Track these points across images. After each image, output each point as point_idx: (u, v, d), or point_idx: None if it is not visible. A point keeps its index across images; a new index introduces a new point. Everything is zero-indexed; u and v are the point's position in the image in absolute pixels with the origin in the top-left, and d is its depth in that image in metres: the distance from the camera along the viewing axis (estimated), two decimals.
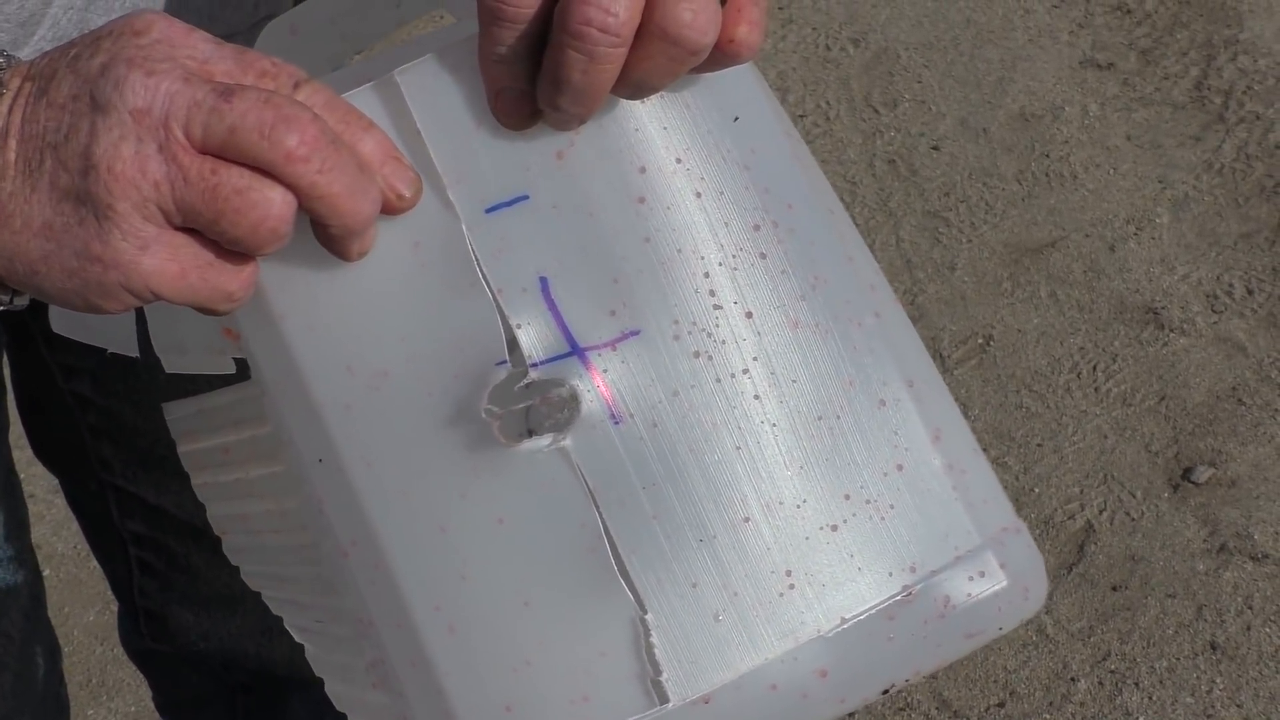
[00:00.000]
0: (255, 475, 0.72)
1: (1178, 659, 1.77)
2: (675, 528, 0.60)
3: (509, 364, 0.61)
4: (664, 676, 0.59)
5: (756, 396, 0.61)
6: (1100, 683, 1.76)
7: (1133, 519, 1.91)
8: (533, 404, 0.60)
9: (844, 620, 0.61)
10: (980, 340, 2.16)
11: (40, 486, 1.92)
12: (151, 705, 1.85)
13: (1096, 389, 2.08)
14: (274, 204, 0.56)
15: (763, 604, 0.60)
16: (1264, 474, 1.93)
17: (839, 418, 0.62)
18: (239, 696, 1.19)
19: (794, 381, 0.62)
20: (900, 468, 0.63)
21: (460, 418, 0.61)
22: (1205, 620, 1.80)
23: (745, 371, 0.62)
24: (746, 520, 0.61)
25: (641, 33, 0.57)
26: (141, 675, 1.85)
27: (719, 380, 0.61)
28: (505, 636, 0.61)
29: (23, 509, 1.00)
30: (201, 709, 1.22)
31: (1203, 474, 1.94)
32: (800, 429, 0.62)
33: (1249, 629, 1.78)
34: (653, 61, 0.58)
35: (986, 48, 2.66)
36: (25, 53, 0.78)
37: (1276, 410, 2.00)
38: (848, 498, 0.62)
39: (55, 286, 0.58)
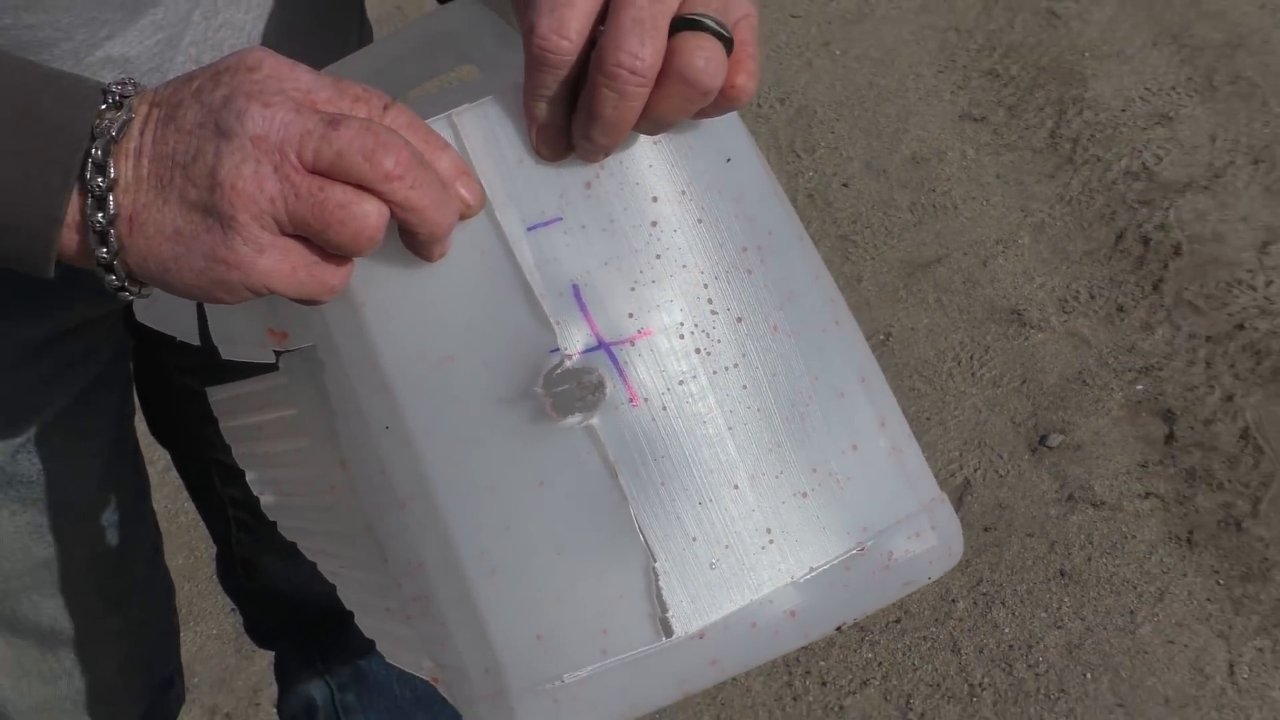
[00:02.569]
0: (282, 448, 0.71)
1: (1035, 584, 1.79)
2: (679, 492, 0.59)
3: (560, 351, 0.58)
4: (669, 614, 0.58)
5: (744, 386, 0.60)
6: (975, 602, 1.78)
7: (1000, 476, 1.93)
8: (569, 387, 0.58)
9: (812, 569, 0.59)
10: (881, 337, 2.16)
11: None
12: (229, 630, 1.87)
13: (973, 374, 2.08)
14: (370, 216, 0.54)
15: (749, 555, 0.59)
16: (1102, 439, 1.94)
17: (808, 406, 0.61)
18: (310, 624, 1.19)
19: (774, 375, 0.60)
20: (855, 447, 0.61)
21: (514, 397, 0.58)
22: (1056, 553, 1.82)
23: (735, 366, 0.60)
24: (735, 487, 0.59)
25: (662, 76, 0.56)
26: (223, 607, 1.87)
27: (715, 373, 0.59)
28: (540, 578, 0.59)
29: (145, 479, 0.99)
30: (281, 634, 1.22)
31: (1055, 440, 1.95)
32: (777, 414, 0.60)
33: (1090, 560, 1.80)
34: (670, 101, 0.56)
35: (885, 105, 2.66)
36: (173, 71, 0.75)
37: (1113, 389, 2.01)
38: (814, 471, 0.60)
39: (183, 282, 0.56)
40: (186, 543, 1.93)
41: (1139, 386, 2.02)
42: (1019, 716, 1.65)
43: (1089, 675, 1.68)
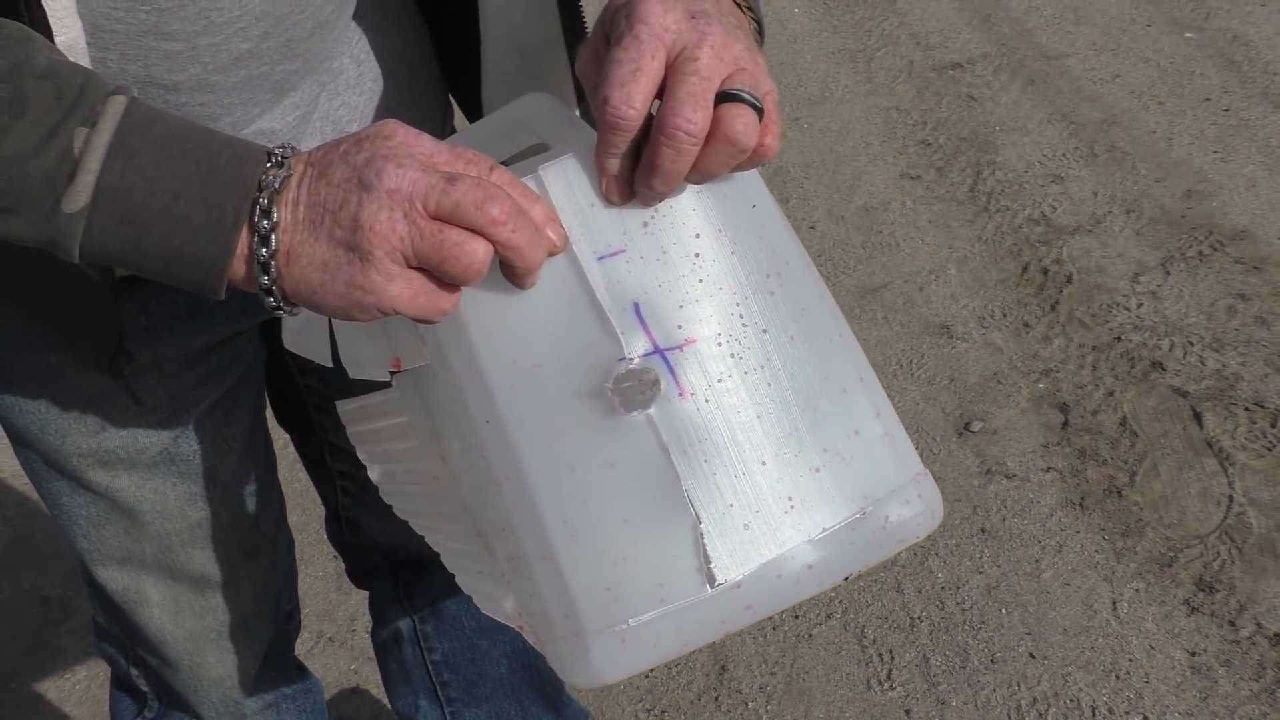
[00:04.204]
0: (396, 448, 0.70)
1: (961, 539, 1.78)
2: (719, 467, 0.57)
3: (627, 359, 0.57)
4: (712, 565, 0.56)
5: (769, 384, 0.58)
6: (915, 554, 1.76)
7: (935, 454, 1.91)
8: (631, 384, 0.57)
9: (824, 530, 0.58)
10: None
11: None
12: (332, 571, 1.87)
13: (912, 375, 2.07)
14: (478, 254, 0.54)
15: (774, 518, 0.57)
16: (1012, 426, 1.93)
17: (819, 399, 0.59)
18: (399, 569, 1.18)
19: (792, 375, 0.59)
20: (856, 433, 0.59)
21: (588, 396, 0.57)
22: (978, 515, 1.80)
23: (762, 368, 0.58)
24: (763, 463, 0.57)
25: (709, 137, 0.55)
26: (327, 554, 1.86)
27: (746, 373, 0.58)
28: (609, 541, 0.57)
29: (273, 456, 0.99)
30: (376, 577, 1.21)
31: (976, 426, 1.94)
32: (795, 406, 0.58)
33: (1004, 520, 1.79)
34: (716, 157, 0.56)
35: (842, 166, 2.67)
36: (306, 139, 0.75)
37: (1021, 387, 2.00)
38: (825, 451, 0.59)
39: (328, 304, 0.55)
40: (299, 504, 1.92)
41: (1041, 385, 2.01)
42: (949, 643, 1.63)
43: (1004, 610, 1.66)
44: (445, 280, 0.55)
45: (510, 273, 0.56)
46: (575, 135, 0.63)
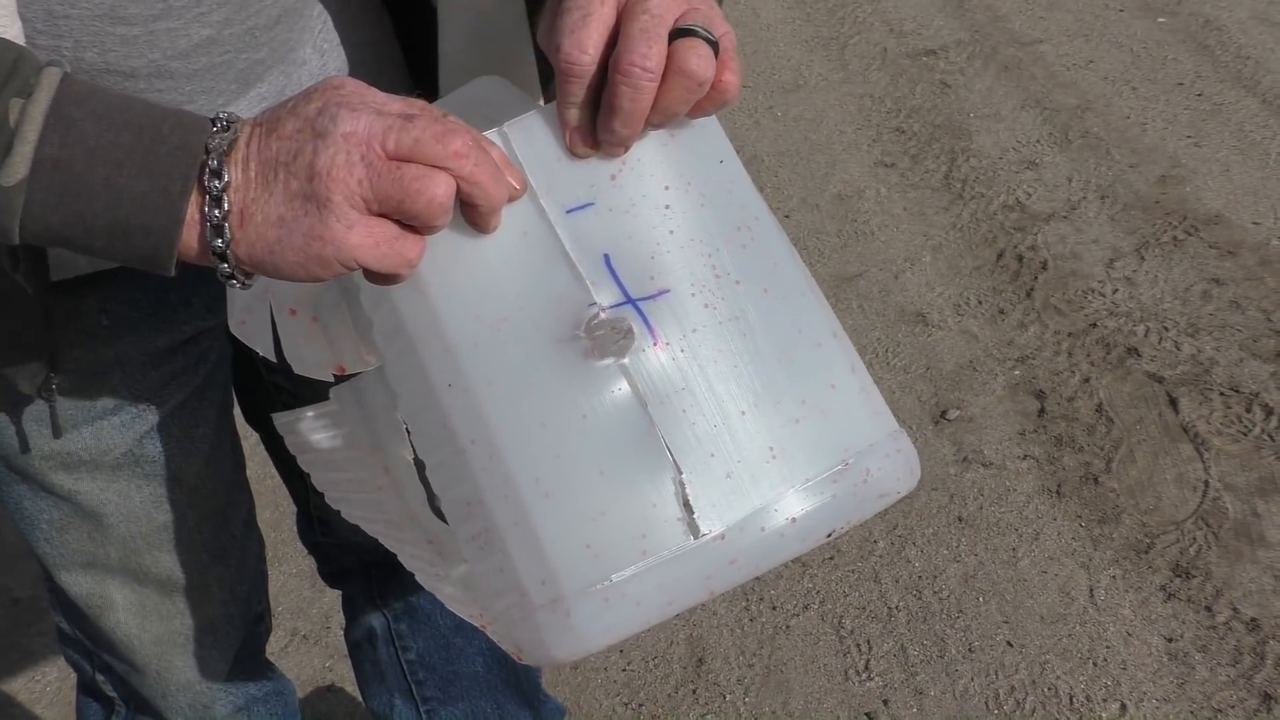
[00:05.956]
0: (338, 458, 0.69)
1: (938, 528, 1.78)
2: (698, 417, 0.56)
3: (596, 305, 0.57)
4: (695, 515, 0.55)
5: (744, 335, 0.58)
6: (892, 543, 1.76)
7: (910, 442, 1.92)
8: (604, 333, 0.56)
9: (807, 480, 0.57)
10: None
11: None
12: (305, 569, 1.84)
13: (888, 364, 2.07)
14: (440, 185, 0.53)
15: (756, 467, 0.57)
16: (989, 413, 1.94)
17: (795, 352, 0.59)
18: (372, 569, 1.17)
19: (767, 326, 0.58)
20: (833, 386, 0.59)
21: (558, 348, 0.56)
22: (954, 504, 1.80)
23: (736, 318, 0.58)
24: (743, 413, 0.57)
25: (666, 73, 0.55)
26: (301, 551, 1.84)
27: (721, 323, 0.58)
28: (586, 496, 0.55)
29: (241, 456, 0.98)
30: (349, 576, 1.20)
31: (953, 414, 1.94)
32: (772, 357, 0.58)
33: (981, 509, 1.79)
34: (674, 92, 0.56)
35: (817, 154, 2.67)
36: (242, 103, 0.73)
37: (996, 375, 2.00)
38: (804, 402, 0.58)
39: (286, 261, 0.54)
40: (272, 501, 1.91)
41: (1016, 372, 2.01)
42: (927, 633, 1.64)
43: (981, 599, 1.67)
44: (408, 222, 0.54)
45: (473, 214, 0.55)
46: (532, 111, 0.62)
